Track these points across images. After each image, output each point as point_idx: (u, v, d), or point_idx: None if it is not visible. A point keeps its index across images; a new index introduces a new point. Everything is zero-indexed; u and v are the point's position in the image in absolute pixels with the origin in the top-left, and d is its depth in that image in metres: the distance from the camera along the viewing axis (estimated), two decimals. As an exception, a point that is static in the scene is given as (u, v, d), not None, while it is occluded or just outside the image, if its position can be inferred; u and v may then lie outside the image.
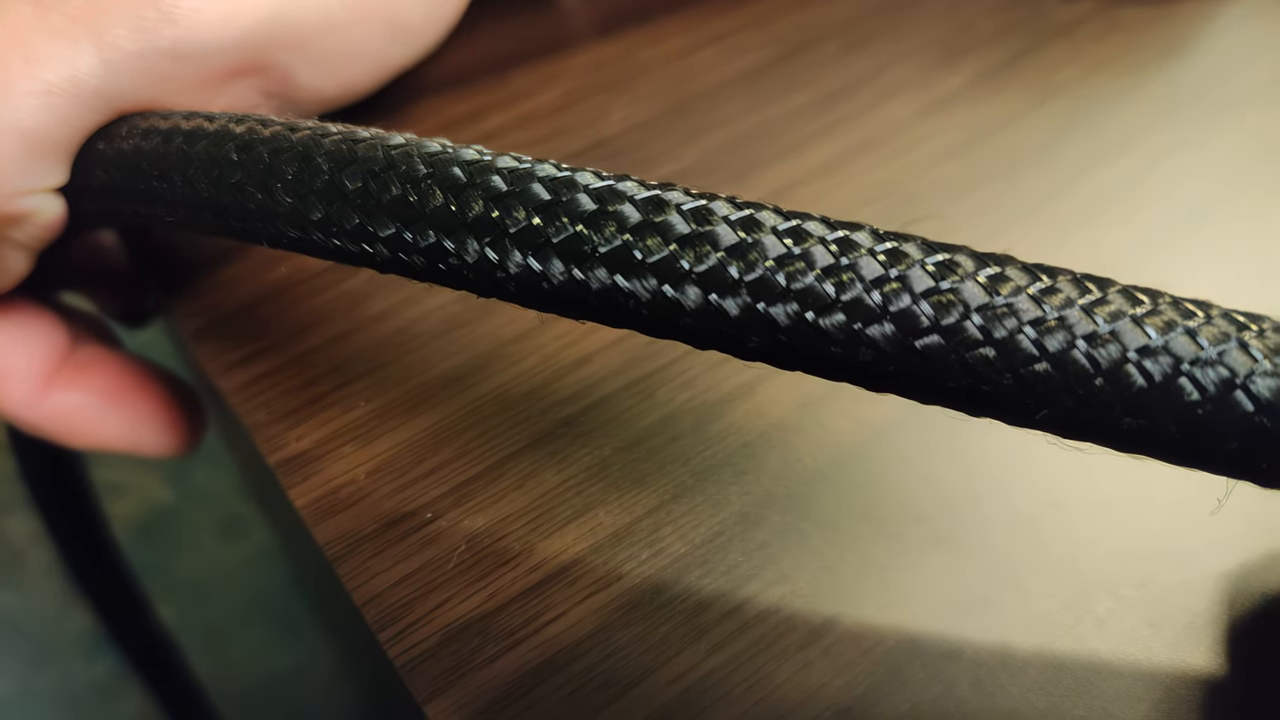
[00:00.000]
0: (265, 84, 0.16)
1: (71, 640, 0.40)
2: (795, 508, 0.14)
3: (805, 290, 0.10)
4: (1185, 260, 0.17)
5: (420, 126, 0.19)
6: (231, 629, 0.42)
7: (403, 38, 0.17)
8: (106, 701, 0.42)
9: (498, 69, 0.21)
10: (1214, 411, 0.10)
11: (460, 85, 0.20)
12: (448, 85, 0.20)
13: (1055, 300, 0.10)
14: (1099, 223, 0.17)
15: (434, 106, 0.20)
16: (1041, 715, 0.12)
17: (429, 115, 0.20)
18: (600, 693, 0.12)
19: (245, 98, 0.16)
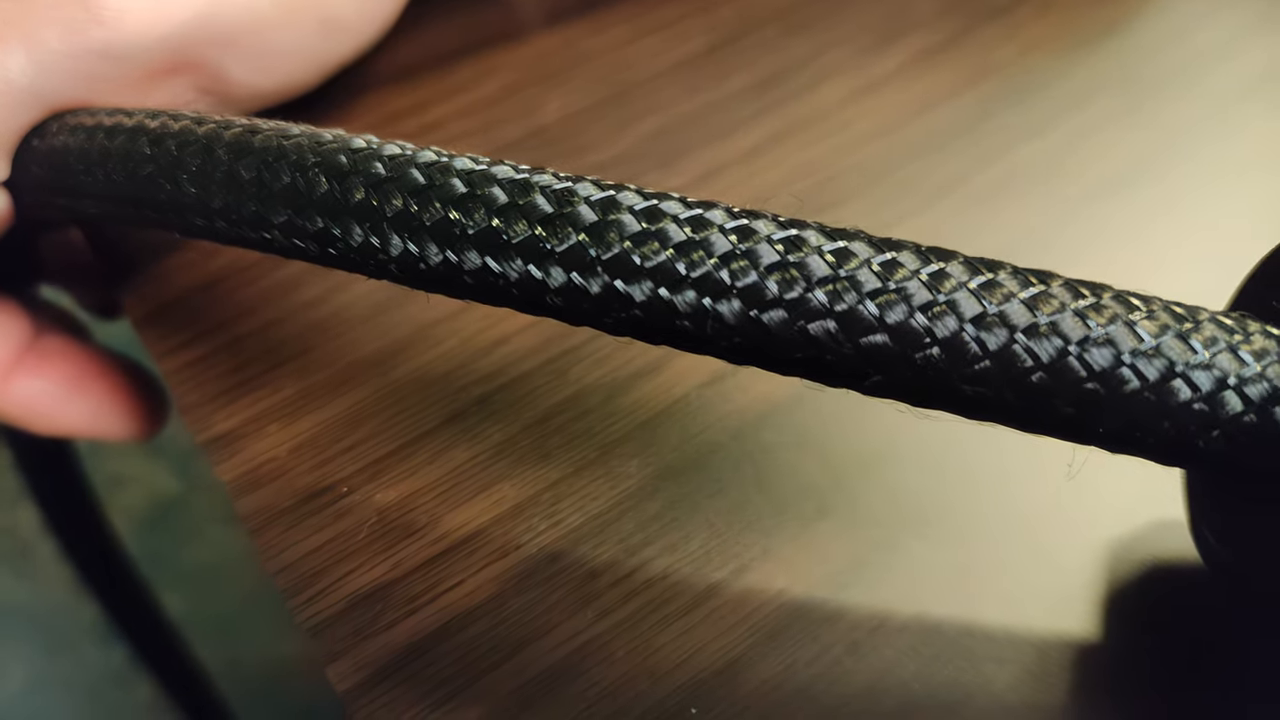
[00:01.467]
0: (199, 81, 0.17)
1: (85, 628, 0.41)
2: (691, 480, 0.14)
3: (658, 267, 0.11)
4: (1095, 236, 0.17)
5: (363, 120, 0.20)
6: (239, 617, 0.43)
7: (336, 34, 0.18)
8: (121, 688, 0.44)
9: (442, 62, 0.21)
10: (1049, 379, 0.10)
11: (405, 79, 0.21)
12: (393, 79, 0.21)
13: (898, 274, 0.11)
14: (1016, 199, 0.18)
15: (377, 100, 0.20)
16: (914, 676, 0.12)
17: (372, 109, 0.20)
18: (489, 656, 0.13)
19: (180, 95, 0.17)
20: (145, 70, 0.16)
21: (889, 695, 0.12)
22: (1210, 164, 0.18)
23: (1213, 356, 0.10)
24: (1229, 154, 0.18)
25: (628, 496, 0.14)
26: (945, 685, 0.12)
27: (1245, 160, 0.18)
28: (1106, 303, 0.11)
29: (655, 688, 0.12)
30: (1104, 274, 0.16)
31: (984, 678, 0.12)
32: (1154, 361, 0.10)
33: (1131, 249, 0.17)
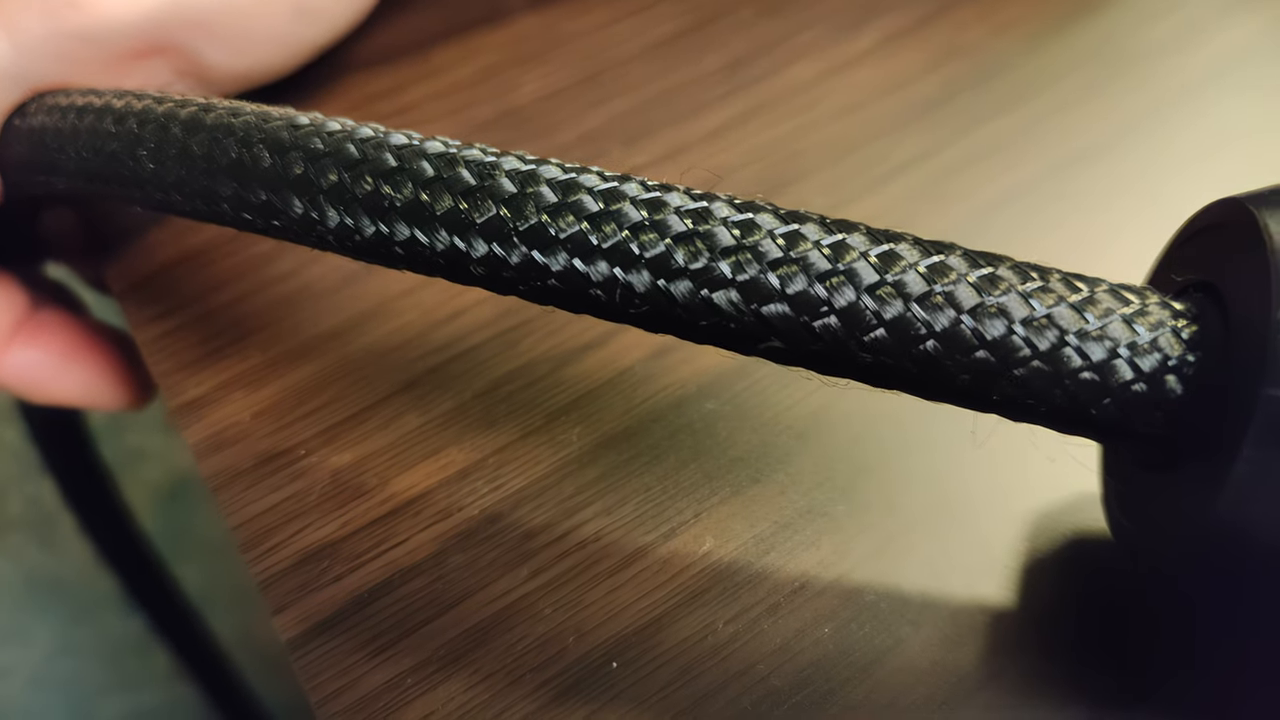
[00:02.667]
0: (175, 64, 0.17)
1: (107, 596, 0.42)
2: (630, 448, 0.15)
3: (572, 238, 0.11)
4: (1050, 214, 0.17)
5: (341, 102, 0.21)
6: (254, 590, 0.44)
7: (311, 19, 0.19)
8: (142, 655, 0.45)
9: (423, 45, 0.22)
10: (942, 348, 0.11)
11: (385, 62, 0.22)
12: (373, 62, 0.21)
13: (800, 246, 0.11)
14: (973, 178, 0.18)
15: (357, 83, 0.21)
16: (829, 636, 0.13)
17: (351, 91, 0.21)
18: (425, 610, 0.13)
19: (157, 77, 0.17)
20: (121, 53, 0.16)
21: (803, 654, 0.13)
22: (1172, 145, 0.18)
23: (1105, 326, 0.11)
24: (1192, 135, 0.19)
25: (568, 462, 0.15)
26: (858, 645, 0.13)
27: (1208, 141, 0.18)
28: (1003, 274, 0.11)
29: (580, 642, 0.13)
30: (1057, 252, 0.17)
31: (897, 639, 0.13)
32: (1046, 331, 0.11)
33: (1085, 227, 0.17)
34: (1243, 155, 0.18)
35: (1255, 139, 0.19)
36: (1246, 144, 0.18)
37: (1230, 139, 0.19)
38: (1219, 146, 0.18)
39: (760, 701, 0.12)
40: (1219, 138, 0.19)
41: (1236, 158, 0.18)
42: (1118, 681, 0.12)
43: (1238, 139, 0.19)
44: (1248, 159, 0.18)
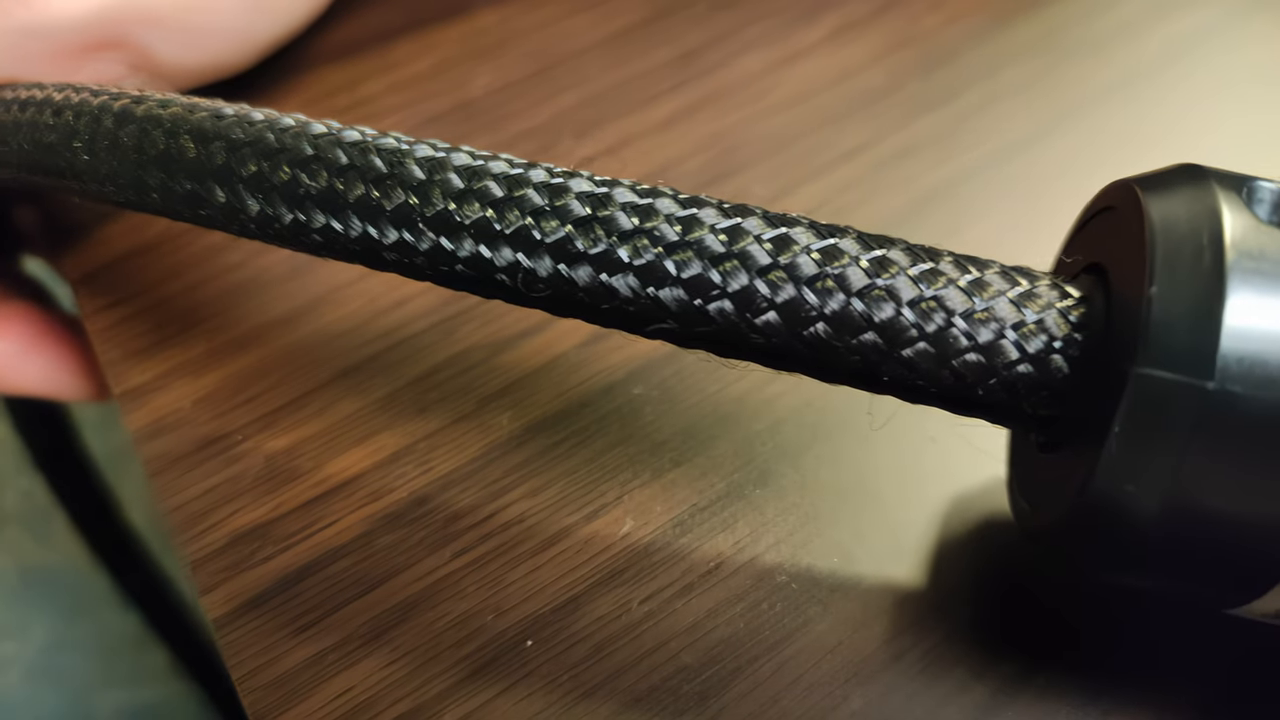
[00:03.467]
0: (127, 58, 0.18)
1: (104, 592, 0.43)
2: (558, 431, 0.15)
3: (476, 224, 0.12)
4: (986, 200, 0.17)
5: (299, 96, 0.21)
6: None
7: (264, 13, 0.19)
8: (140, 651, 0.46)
9: (383, 40, 0.22)
10: (831, 330, 0.11)
11: (345, 56, 0.22)
12: (333, 56, 0.22)
13: (695, 231, 0.11)
14: (912, 166, 0.18)
15: (315, 77, 0.21)
16: (739, 615, 0.13)
17: (309, 85, 0.21)
18: (350, 589, 0.14)
19: (109, 71, 0.18)
20: (71, 48, 0.17)
21: (714, 633, 0.13)
22: (1111, 132, 0.18)
23: (991, 307, 0.11)
24: (1131, 123, 0.19)
25: (497, 446, 0.15)
26: (768, 625, 0.13)
27: (1146, 129, 0.19)
28: (894, 256, 0.11)
29: (498, 621, 0.13)
30: (991, 239, 0.17)
31: (806, 619, 0.13)
32: (933, 313, 0.11)
33: (1020, 214, 0.17)
34: (1182, 142, 0.18)
35: (1196, 126, 0.19)
36: (1186, 131, 0.19)
37: (1171, 127, 0.19)
38: (1158, 134, 0.18)
39: (670, 678, 0.13)
40: (1159, 125, 0.19)
41: (1175, 145, 0.18)
42: (1019, 665, 0.12)
43: (1178, 127, 0.19)
44: (1186, 146, 0.18)
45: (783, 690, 0.12)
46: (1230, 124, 0.19)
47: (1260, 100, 0.19)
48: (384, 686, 0.13)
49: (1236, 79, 0.19)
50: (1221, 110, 0.19)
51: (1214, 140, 0.19)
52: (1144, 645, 0.13)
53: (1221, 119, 0.19)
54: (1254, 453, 0.09)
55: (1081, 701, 0.12)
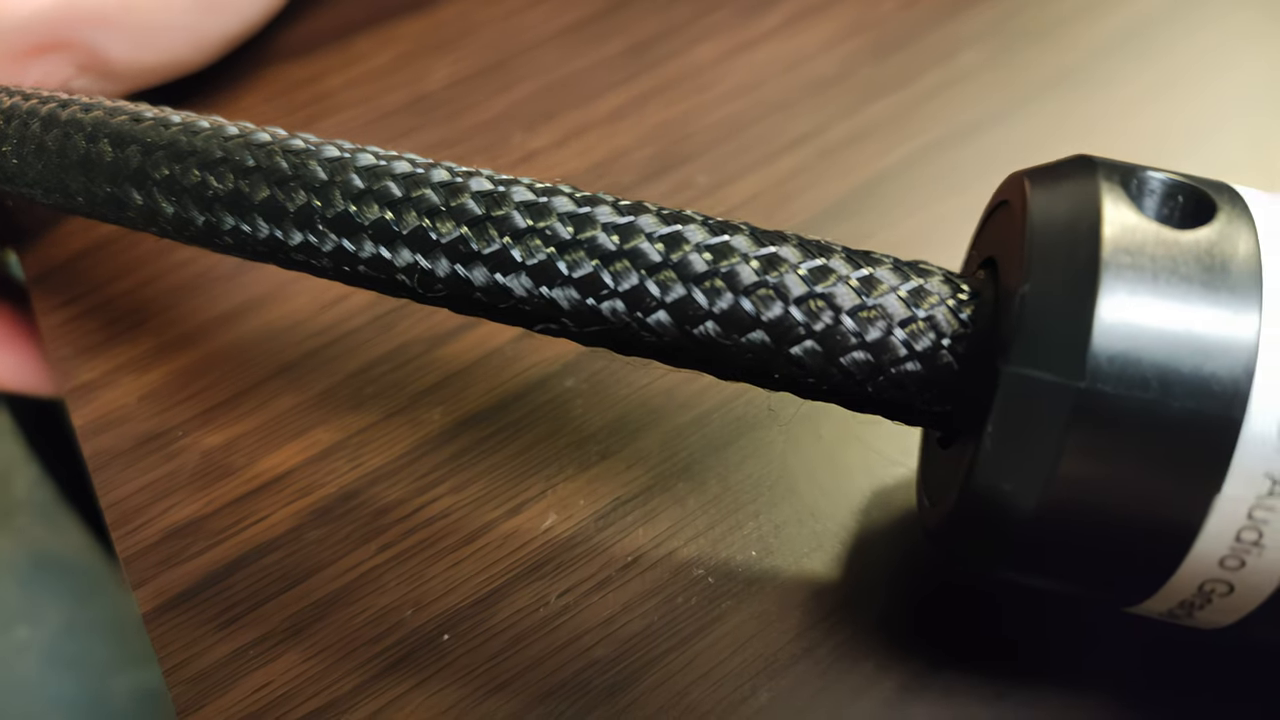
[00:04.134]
0: (76, 58, 0.18)
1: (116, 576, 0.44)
2: (488, 426, 0.15)
3: (374, 224, 0.12)
4: (933, 186, 0.17)
5: (260, 92, 0.21)
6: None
7: (215, 10, 0.19)
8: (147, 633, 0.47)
9: (345, 35, 0.22)
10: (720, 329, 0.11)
11: (307, 52, 0.22)
12: (295, 52, 0.22)
13: (588, 230, 0.11)
14: (862, 152, 0.18)
15: (276, 73, 0.21)
16: (654, 608, 0.13)
17: (270, 81, 0.21)
18: (276, 584, 0.14)
19: (59, 72, 0.18)
20: (17, 49, 0.17)
21: (628, 626, 0.13)
22: (1065, 117, 0.18)
23: (881, 304, 0.11)
24: (1085, 108, 0.18)
25: (427, 441, 0.15)
26: (682, 618, 0.13)
27: (1100, 114, 0.18)
28: (785, 253, 0.11)
29: (417, 615, 0.13)
30: (933, 223, 0.17)
31: (720, 613, 0.13)
32: (822, 311, 0.11)
33: (957, 204, 0.17)
34: (1135, 128, 0.18)
35: (1151, 110, 0.18)
36: (1142, 116, 0.18)
37: (1126, 111, 0.18)
38: (1112, 118, 0.18)
39: (583, 671, 0.13)
40: (1113, 110, 0.18)
41: (1129, 130, 0.18)
42: (927, 660, 0.12)
43: (1134, 111, 0.18)
44: (1139, 132, 0.18)
45: (692, 683, 0.12)
46: (1186, 107, 0.18)
47: (1215, 84, 0.19)
48: (300, 681, 0.13)
49: (1192, 63, 0.19)
50: (1178, 94, 0.19)
51: (1169, 124, 0.18)
52: (1052, 641, 0.12)
53: (1178, 103, 0.19)
54: (1128, 453, 0.09)
55: (989, 697, 0.12)
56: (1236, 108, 0.18)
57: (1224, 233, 0.09)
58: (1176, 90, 0.19)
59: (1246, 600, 0.10)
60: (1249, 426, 0.09)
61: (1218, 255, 0.09)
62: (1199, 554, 0.09)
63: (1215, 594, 0.10)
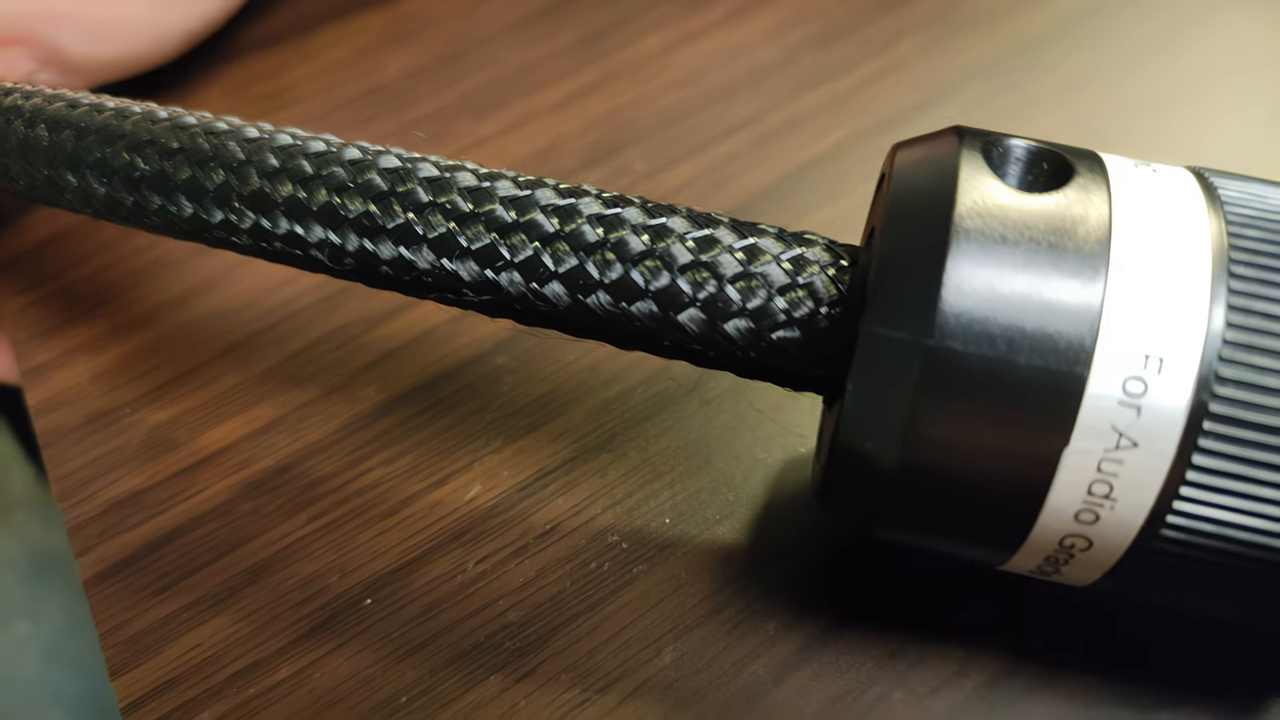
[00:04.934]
0: (35, 53, 0.18)
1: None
2: (421, 402, 0.16)
3: (287, 200, 0.12)
4: (866, 170, 0.18)
5: (222, 85, 0.22)
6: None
7: (174, 7, 0.20)
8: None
9: (307, 29, 0.23)
10: (611, 298, 0.11)
11: (270, 45, 0.22)
12: (259, 46, 0.22)
13: (486, 205, 0.12)
14: (796, 139, 0.18)
15: (240, 66, 0.22)
16: (569, 575, 0.14)
17: (233, 74, 0.22)
18: (210, 552, 0.14)
19: (20, 66, 0.19)
20: (-25, 43, 0.18)
21: (542, 591, 0.13)
22: (992, 103, 0.18)
23: (762, 272, 0.11)
24: (1020, 93, 0.19)
25: (361, 417, 0.16)
26: (595, 583, 0.13)
27: (1036, 98, 0.19)
28: (673, 224, 0.11)
29: (342, 580, 0.14)
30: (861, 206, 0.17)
31: (631, 578, 0.13)
32: (706, 280, 0.11)
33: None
34: (1073, 109, 0.18)
35: (1090, 93, 0.19)
36: (1081, 98, 0.19)
37: (1068, 93, 0.19)
38: (1050, 102, 0.18)
39: (495, 634, 0.13)
40: (1051, 93, 0.19)
41: (1067, 112, 0.18)
42: (830, 620, 0.13)
43: (1075, 93, 0.19)
44: (1076, 113, 0.18)
45: (600, 645, 0.13)
46: (1126, 89, 0.19)
47: (1156, 65, 0.19)
48: (228, 643, 0.13)
49: (1133, 45, 0.19)
50: (1118, 76, 0.19)
51: (1110, 106, 0.18)
52: (944, 601, 0.13)
53: (1117, 85, 0.19)
54: (980, 409, 0.09)
55: (882, 656, 0.12)
56: (1168, 93, 0.19)
57: (1077, 197, 0.10)
58: (1120, 72, 0.19)
59: (1106, 555, 0.10)
60: (1094, 382, 0.09)
61: (1068, 218, 0.10)
62: (1054, 508, 0.10)
63: (1076, 549, 0.10)
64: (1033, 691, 0.12)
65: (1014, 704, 0.12)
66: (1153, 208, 0.10)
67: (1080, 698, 0.12)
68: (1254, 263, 0.09)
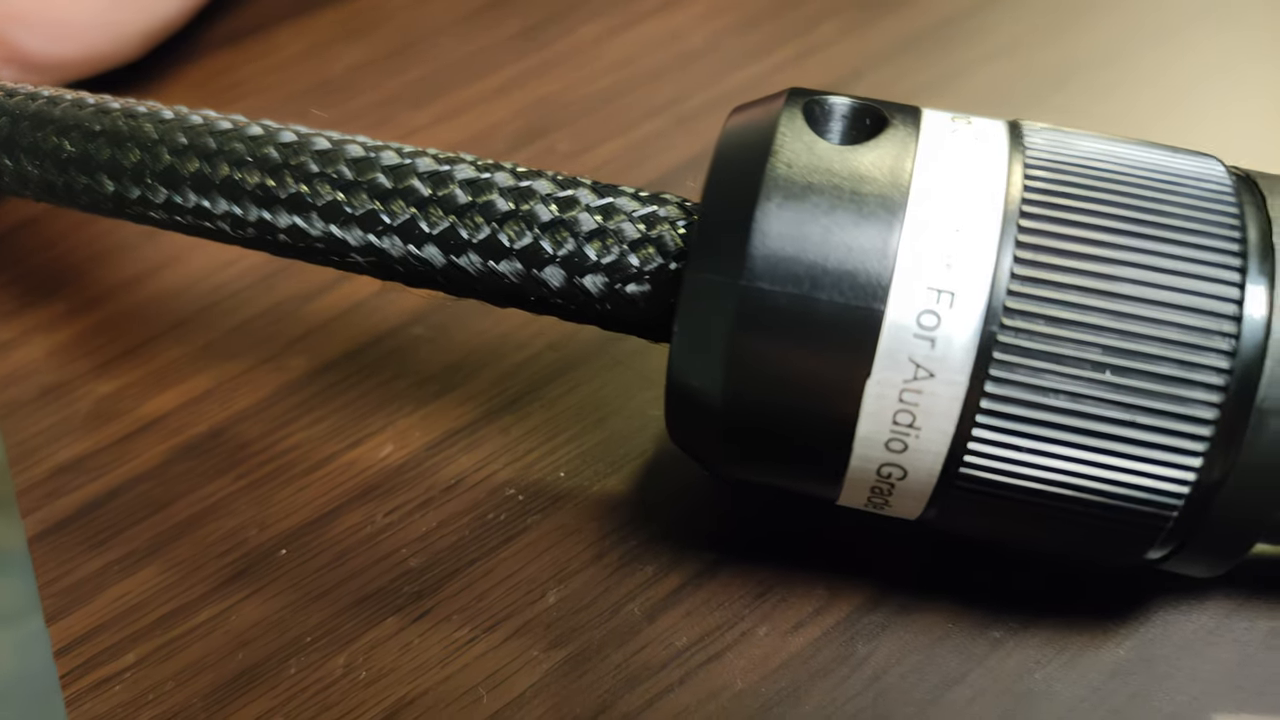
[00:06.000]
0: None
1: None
2: (344, 370, 0.17)
3: (194, 175, 0.13)
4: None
5: (186, 80, 0.23)
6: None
7: (130, 5, 0.21)
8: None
9: (267, 26, 0.24)
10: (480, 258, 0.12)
11: (231, 43, 0.24)
12: (221, 43, 0.23)
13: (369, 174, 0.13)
14: (716, 120, 0.19)
15: (200, 63, 0.23)
16: (468, 525, 0.14)
17: (195, 70, 0.23)
18: (143, 510, 0.15)
19: (-18, 65, 0.20)
20: (-65, 43, 0.19)
21: (442, 540, 0.14)
22: (915, 78, 0.19)
23: (617, 229, 0.12)
24: (938, 67, 0.19)
25: (289, 385, 0.16)
26: (491, 532, 0.14)
27: (952, 72, 0.19)
28: (538, 186, 0.12)
29: (261, 533, 0.15)
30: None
31: (525, 527, 0.14)
32: (565, 238, 0.12)
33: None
34: (990, 81, 0.19)
35: (1005, 68, 0.19)
36: (996, 70, 0.19)
37: (985, 65, 0.19)
38: (952, 78, 0.19)
39: (397, 579, 0.14)
40: (957, 69, 0.19)
41: (983, 83, 0.19)
42: (707, 562, 0.13)
43: (991, 65, 0.19)
44: (994, 85, 0.19)
45: (491, 589, 0.14)
46: (1044, 60, 0.19)
47: (1069, 43, 0.20)
48: (154, 591, 0.14)
49: (1053, 17, 0.20)
50: (1036, 48, 0.20)
51: (1027, 78, 0.19)
52: (819, 541, 0.13)
53: (1035, 56, 0.19)
54: (790, 345, 0.10)
55: (755, 594, 0.13)
56: (1085, 62, 0.19)
57: (886, 147, 0.10)
58: (1039, 49, 0.20)
59: (922, 485, 0.11)
60: (890, 316, 0.10)
61: (873, 166, 0.10)
62: (865, 437, 0.10)
63: (894, 478, 0.11)
64: (888, 627, 0.13)
65: (870, 638, 0.13)
66: (955, 156, 0.10)
67: (931, 632, 0.13)
68: (1044, 203, 0.10)
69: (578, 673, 0.13)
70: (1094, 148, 0.10)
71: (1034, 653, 0.12)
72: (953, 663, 0.12)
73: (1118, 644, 0.12)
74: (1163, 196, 0.10)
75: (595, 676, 0.13)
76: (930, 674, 0.12)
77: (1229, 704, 0.12)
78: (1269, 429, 0.10)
